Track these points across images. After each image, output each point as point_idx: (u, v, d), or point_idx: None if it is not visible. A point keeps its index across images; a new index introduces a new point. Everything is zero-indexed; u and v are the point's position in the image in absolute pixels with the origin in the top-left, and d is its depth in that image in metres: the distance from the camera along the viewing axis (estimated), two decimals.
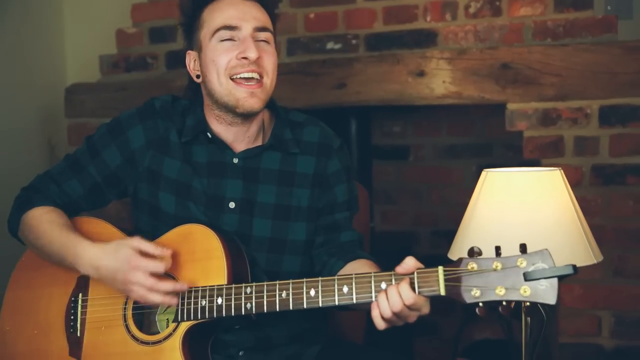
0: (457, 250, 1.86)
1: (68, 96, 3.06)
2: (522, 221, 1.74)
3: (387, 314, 1.38)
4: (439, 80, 2.52)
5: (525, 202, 1.76)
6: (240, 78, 1.62)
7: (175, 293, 1.53)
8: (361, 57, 2.69)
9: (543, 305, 1.32)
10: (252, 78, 1.62)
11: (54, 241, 1.64)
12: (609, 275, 2.37)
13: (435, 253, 3.23)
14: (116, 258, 1.54)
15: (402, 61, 2.56)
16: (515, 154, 3.00)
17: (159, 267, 1.52)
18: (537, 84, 2.41)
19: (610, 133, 2.37)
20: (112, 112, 2.91)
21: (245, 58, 1.61)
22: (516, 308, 1.36)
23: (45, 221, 1.67)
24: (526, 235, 1.72)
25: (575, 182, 2.36)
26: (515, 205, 1.76)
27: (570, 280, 2.23)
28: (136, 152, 1.71)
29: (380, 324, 1.40)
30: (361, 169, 3.05)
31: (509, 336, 1.87)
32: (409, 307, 1.37)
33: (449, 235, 1.96)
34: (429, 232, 3.30)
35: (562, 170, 1.83)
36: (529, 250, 1.33)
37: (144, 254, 1.53)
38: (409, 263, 1.39)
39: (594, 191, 2.38)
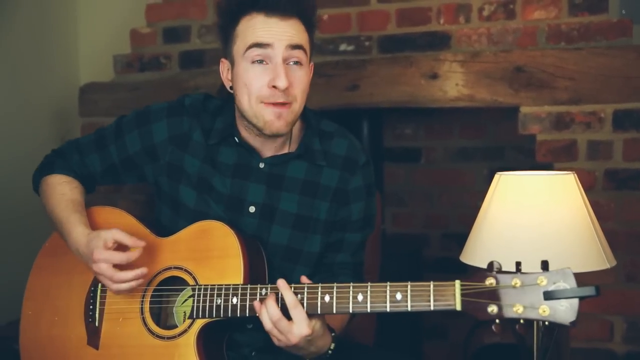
0: (469, 253, 1.85)
1: (82, 95, 3.08)
2: (535, 225, 1.73)
3: (268, 326, 1.47)
4: (452, 83, 2.51)
5: (538, 205, 1.75)
6: (269, 102, 1.61)
7: (139, 277, 1.56)
8: (374, 59, 2.69)
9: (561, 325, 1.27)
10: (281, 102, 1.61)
11: (58, 215, 1.70)
12: (621, 280, 2.36)
13: (445, 256, 3.23)
14: (88, 247, 1.59)
15: (415, 63, 2.56)
16: (527, 157, 2.99)
17: (122, 258, 1.54)
18: (550, 87, 2.40)
19: (624, 137, 2.35)
20: (125, 112, 2.90)
21: (275, 87, 1.59)
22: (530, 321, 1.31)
23: (57, 192, 1.74)
24: (539, 239, 1.71)
25: (588, 187, 2.35)
26: (528, 208, 1.75)
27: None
28: (157, 146, 1.73)
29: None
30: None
31: (520, 341, 1.85)
32: (275, 325, 1.45)
33: (460, 238, 1.95)
34: (440, 234, 3.29)
35: (575, 175, 1.82)
36: (550, 266, 1.29)
37: (120, 245, 1.57)
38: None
39: (607, 196, 2.36)
